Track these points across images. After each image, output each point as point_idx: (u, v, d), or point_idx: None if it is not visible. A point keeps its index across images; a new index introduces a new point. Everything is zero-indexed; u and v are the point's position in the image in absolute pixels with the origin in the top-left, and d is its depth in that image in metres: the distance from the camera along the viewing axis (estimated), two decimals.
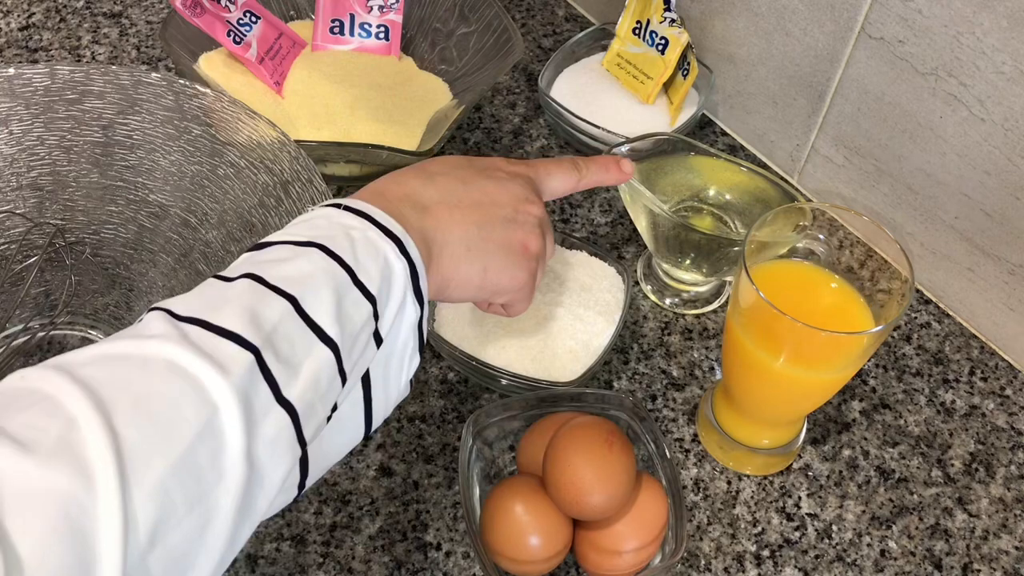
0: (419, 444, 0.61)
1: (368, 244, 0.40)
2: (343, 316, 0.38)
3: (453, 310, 0.64)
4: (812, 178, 0.75)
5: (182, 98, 0.60)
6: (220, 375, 0.33)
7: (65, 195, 0.61)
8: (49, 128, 0.60)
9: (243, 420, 0.33)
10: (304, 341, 0.37)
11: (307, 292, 0.37)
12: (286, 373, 0.35)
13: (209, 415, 0.32)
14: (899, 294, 0.51)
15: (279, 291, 0.37)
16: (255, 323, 0.35)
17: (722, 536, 0.58)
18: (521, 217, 0.48)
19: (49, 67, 0.59)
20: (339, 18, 0.80)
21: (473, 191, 0.47)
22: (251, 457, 0.33)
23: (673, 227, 0.61)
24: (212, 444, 0.32)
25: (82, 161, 0.61)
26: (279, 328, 0.36)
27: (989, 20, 0.55)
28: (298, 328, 0.37)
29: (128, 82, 0.60)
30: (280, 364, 0.35)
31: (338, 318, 0.38)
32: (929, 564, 0.57)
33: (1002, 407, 0.65)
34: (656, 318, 0.68)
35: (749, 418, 0.58)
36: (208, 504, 0.32)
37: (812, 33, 0.67)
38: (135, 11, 0.88)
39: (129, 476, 0.30)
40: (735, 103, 0.78)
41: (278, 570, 0.56)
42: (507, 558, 0.52)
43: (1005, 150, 0.59)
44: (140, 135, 0.61)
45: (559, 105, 0.75)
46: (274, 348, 0.35)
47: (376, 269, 0.40)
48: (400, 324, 0.41)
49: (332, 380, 0.38)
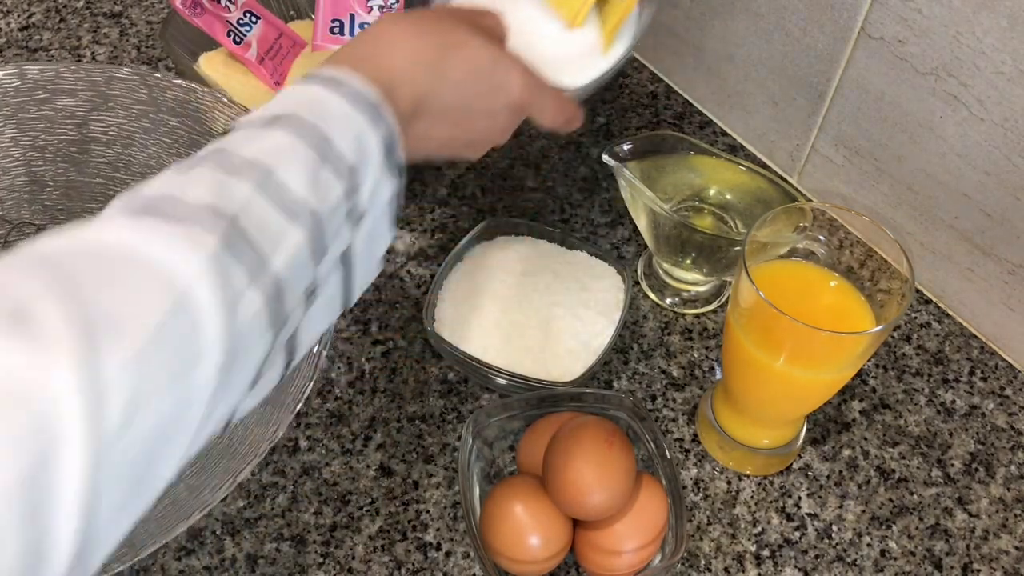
0: (419, 444, 0.61)
1: (341, 117, 0.38)
2: (318, 189, 0.36)
3: (453, 310, 0.64)
4: (812, 178, 0.75)
5: (156, 91, 0.59)
6: (192, 252, 0.31)
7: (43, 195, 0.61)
8: (22, 129, 0.60)
9: (218, 297, 0.31)
10: (278, 217, 0.35)
11: (279, 166, 0.36)
12: (260, 249, 0.34)
13: (182, 291, 0.30)
14: (899, 294, 0.51)
15: (250, 166, 0.35)
16: (226, 198, 0.34)
17: (722, 536, 0.58)
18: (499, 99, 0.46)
19: (18, 67, 0.59)
20: (339, 18, 0.80)
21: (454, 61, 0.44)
22: (228, 335, 0.32)
23: (674, 227, 0.61)
24: (187, 321, 0.30)
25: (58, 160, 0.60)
26: (252, 203, 0.34)
27: (989, 20, 0.55)
28: (271, 204, 0.35)
29: (100, 78, 0.59)
30: (254, 240, 0.34)
31: (314, 191, 0.36)
32: (929, 564, 0.57)
33: (1002, 407, 0.65)
34: (656, 318, 0.68)
35: (749, 418, 0.58)
36: (186, 383, 0.30)
37: (812, 33, 0.67)
38: (135, 11, 0.88)
39: (100, 348, 0.27)
40: (735, 103, 0.78)
41: (278, 570, 0.56)
42: (507, 558, 0.52)
43: (1005, 150, 0.59)
44: (116, 131, 0.60)
45: None
46: (247, 224, 0.34)
47: (350, 142, 0.38)
48: (376, 199, 0.40)
49: (308, 256, 0.36)
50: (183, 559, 0.56)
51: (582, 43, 0.54)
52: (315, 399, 0.63)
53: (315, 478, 0.59)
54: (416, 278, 0.69)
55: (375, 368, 0.64)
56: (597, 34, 0.54)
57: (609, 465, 0.51)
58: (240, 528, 0.57)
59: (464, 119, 0.46)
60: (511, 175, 0.76)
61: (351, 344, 0.66)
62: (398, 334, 0.66)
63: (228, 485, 0.49)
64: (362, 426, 0.62)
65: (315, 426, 0.62)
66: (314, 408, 0.62)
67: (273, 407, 0.54)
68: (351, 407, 0.63)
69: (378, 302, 0.68)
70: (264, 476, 0.59)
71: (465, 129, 0.46)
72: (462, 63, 0.44)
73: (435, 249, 0.71)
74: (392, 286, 0.69)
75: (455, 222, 0.72)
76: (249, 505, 0.58)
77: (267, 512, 0.58)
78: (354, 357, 0.65)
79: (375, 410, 0.62)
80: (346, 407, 0.63)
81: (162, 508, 0.52)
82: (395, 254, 0.70)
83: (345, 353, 0.65)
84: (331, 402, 0.63)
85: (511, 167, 0.76)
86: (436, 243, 0.71)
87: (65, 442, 0.26)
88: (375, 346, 0.65)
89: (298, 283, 0.36)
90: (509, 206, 0.74)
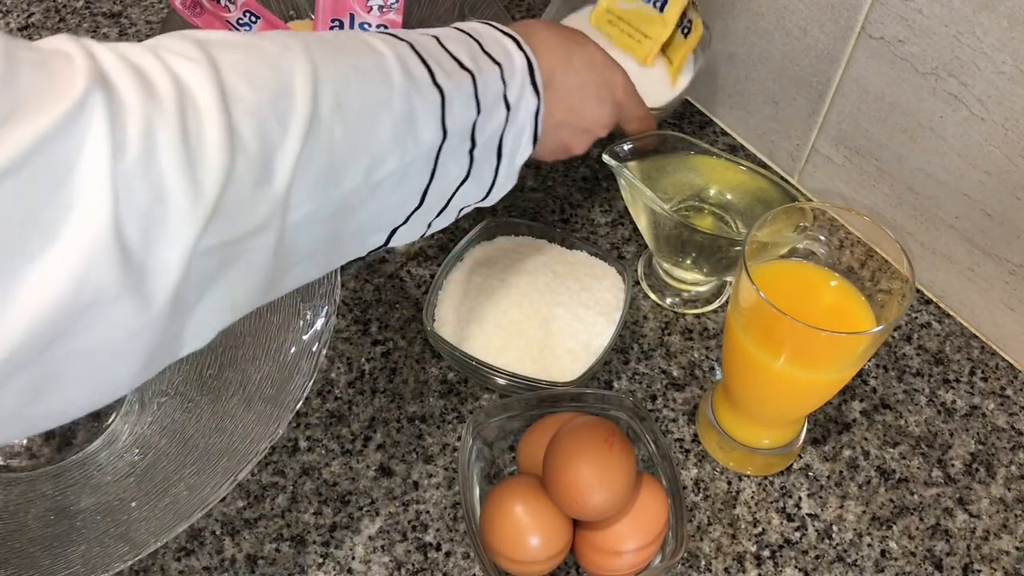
0: (419, 444, 0.61)
1: (490, 37, 0.48)
2: (477, 61, 0.45)
3: (453, 310, 0.64)
4: (812, 178, 0.75)
5: None
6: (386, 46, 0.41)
7: None
8: None
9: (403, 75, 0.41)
10: (447, 59, 0.44)
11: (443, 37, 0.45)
12: (434, 65, 0.43)
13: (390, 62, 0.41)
14: (899, 294, 0.51)
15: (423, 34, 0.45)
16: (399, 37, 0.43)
17: (722, 536, 0.58)
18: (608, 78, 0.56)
19: None
20: (339, 18, 0.80)
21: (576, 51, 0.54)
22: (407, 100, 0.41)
23: (674, 226, 0.61)
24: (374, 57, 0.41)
25: None
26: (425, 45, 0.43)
27: (989, 20, 0.55)
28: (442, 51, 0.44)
29: None
30: (428, 59, 0.43)
31: (473, 60, 0.45)
32: (929, 564, 0.57)
33: (1002, 407, 0.65)
34: (656, 318, 0.68)
35: (749, 418, 0.58)
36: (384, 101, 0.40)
37: (812, 33, 0.67)
38: (135, 11, 0.88)
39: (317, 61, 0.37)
40: (735, 103, 0.78)
41: (278, 570, 0.56)
42: (507, 558, 0.52)
43: (1005, 150, 0.59)
44: None
45: None
46: (421, 48, 0.43)
47: (499, 48, 0.47)
48: (521, 102, 0.47)
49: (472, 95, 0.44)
50: (183, 559, 0.56)
51: (654, 76, 0.71)
52: (315, 399, 0.63)
53: (315, 478, 0.59)
54: (416, 278, 0.69)
55: (375, 368, 0.64)
56: (665, 70, 0.71)
57: (609, 465, 0.51)
58: (240, 528, 0.57)
59: (579, 102, 0.53)
60: None
61: (351, 344, 0.65)
62: (398, 334, 0.66)
63: (228, 485, 0.49)
64: (362, 426, 0.62)
65: (315, 426, 0.61)
66: (314, 408, 0.62)
67: (273, 407, 0.54)
68: (351, 407, 0.62)
69: (378, 302, 0.68)
70: (264, 476, 0.59)
71: (578, 113, 0.54)
72: (584, 54, 0.54)
73: (435, 249, 0.71)
74: (392, 286, 0.69)
75: (455, 222, 0.72)
76: (249, 505, 0.58)
77: (267, 512, 0.58)
78: (354, 357, 0.65)
79: (375, 410, 0.62)
80: (346, 407, 0.62)
81: (162, 508, 0.52)
82: (395, 254, 0.70)
83: (345, 353, 0.65)
84: (331, 402, 0.63)
85: None
86: (436, 243, 0.71)
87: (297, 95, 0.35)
88: (375, 346, 0.65)
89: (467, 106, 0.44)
90: (509, 206, 0.73)
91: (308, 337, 0.56)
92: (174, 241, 0.31)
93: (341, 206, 0.39)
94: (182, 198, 0.31)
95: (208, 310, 0.34)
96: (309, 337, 0.56)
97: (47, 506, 0.55)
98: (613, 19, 0.72)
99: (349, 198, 0.39)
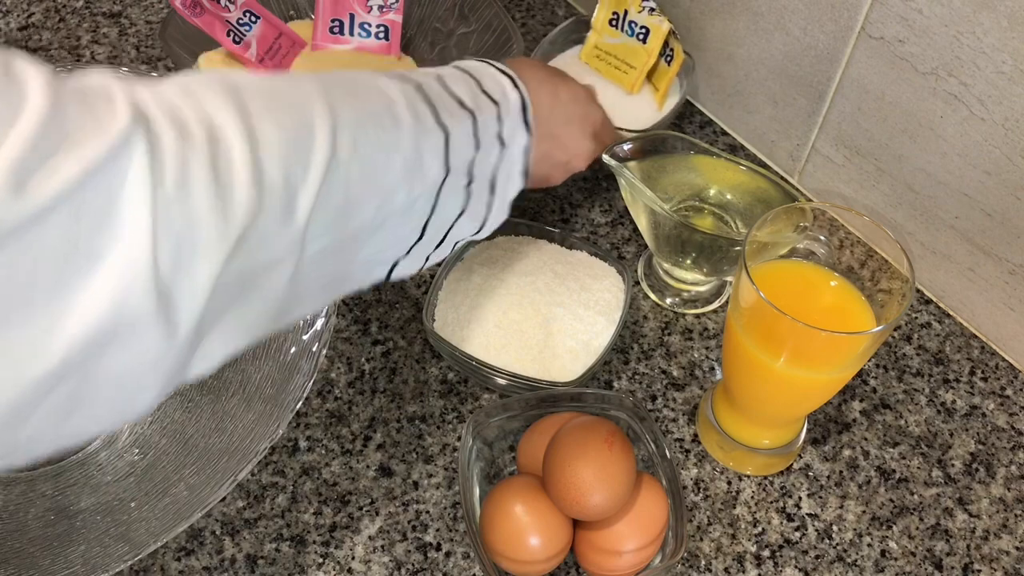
0: (419, 444, 0.61)
1: (488, 75, 0.50)
2: (476, 100, 0.48)
3: (453, 310, 0.64)
4: (812, 178, 0.75)
5: None
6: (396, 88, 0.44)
7: None
8: None
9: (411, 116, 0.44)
10: (449, 100, 0.46)
11: (447, 78, 0.48)
12: (439, 106, 0.45)
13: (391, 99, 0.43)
14: (899, 294, 0.51)
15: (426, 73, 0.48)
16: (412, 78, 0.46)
17: (722, 536, 0.58)
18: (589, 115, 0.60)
19: None
20: (339, 18, 0.80)
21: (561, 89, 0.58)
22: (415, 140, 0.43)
23: (674, 226, 0.61)
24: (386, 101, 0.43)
25: None
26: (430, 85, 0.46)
27: (989, 20, 0.55)
28: (444, 92, 0.47)
29: None
30: (434, 99, 0.45)
31: (473, 100, 0.48)
32: (929, 564, 0.57)
33: (1002, 407, 0.65)
34: (656, 318, 0.68)
35: (749, 418, 0.58)
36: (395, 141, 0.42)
37: (812, 33, 0.67)
38: (134, 11, 0.88)
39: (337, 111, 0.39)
40: (735, 103, 0.78)
41: (278, 570, 0.56)
42: (507, 558, 0.52)
43: (1005, 150, 0.59)
44: None
45: None
46: (427, 89, 0.45)
47: (495, 88, 0.50)
48: (514, 139, 0.50)
49: (471, 134, 0.47)
50: (183, 559, 0.56)
51: (641, 102, 0.77)
52: (315, 399, 0.63)
53: (315, 478, 0.59)
54: (416, 278, 0.69)
55: (375, 368, 0.64)
56: (651, 96, 0.77)
57: (609, 465, 0.51)
58: (240, 528, 0.57)
59: (564, 136, 0.57)
60: None
61: (351, 344, 0.65)
62: (398, 334, 0.66)
63: (228, 485, 0.49)
64: (362, 426, 0.62)
65: (315, 426, 0.61)
66: (314, 408, 0.62)
67: (273, 407, 0.54)
68: (351, 407, 0.62)
69: (378, 302, 0.68)
70: (264, 476, 0.59)
71: (562, 146, 0.57)
72: (568, 90, 0.57)
73: None
74: (392, 286, 0.69)
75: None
76: (249, 505, 0.58)
77: (267, 512, 0.58)
78: (354, 357, 0.65)
79: (375, 410, 0.62)
80: (346, 407, 0.62)
81: (162, 508, 0.52)
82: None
83: (345, 353, 0.65)
84: (331, 402, 0.63)
85: None
86: None
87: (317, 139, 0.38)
88: (375, 346, 0.65)
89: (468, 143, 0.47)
90: None
91: (308, 337, 0.56)
92: (201, 270, 0.33)
93: (353, 239, 0.42)
94: (212, 229, 0.33)
95: (219, 337, 0.36)
96: (309, 337, 0.56)
97: (47, 506, 0.55)
98: (601, 54, 0.78)
99: (360, 232, 0.42)
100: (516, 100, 0.50)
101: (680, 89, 0.77)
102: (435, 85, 0.47)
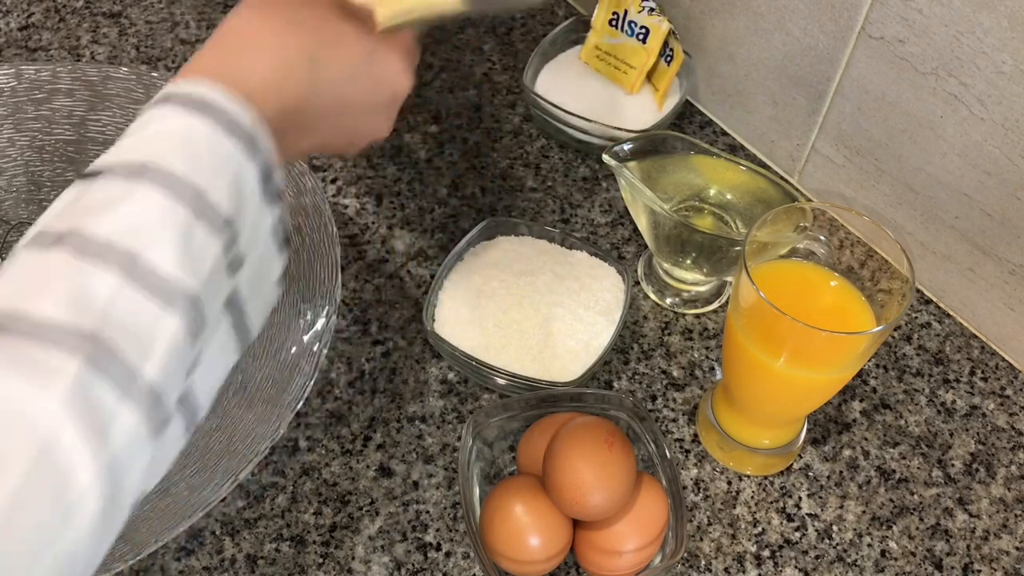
0: (419, 444, 0.61)
1: (215, 157, 0.34)
2: (193, 259, 0.33)
3: (453, 310, 0.64)
4: (812, 178, 0.75)
5: (153, 91, 0.60)
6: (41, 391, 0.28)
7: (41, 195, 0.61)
8: (19, 129, 0.60)
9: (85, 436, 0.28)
10: (149, 307, 0.31)
11: (147, 245, 0.31)
12: (129, 360, 0.30)
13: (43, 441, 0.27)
14: (899, 294, 0.51)
15: (113, 250, 0.31)
16: (84, 303, 0.30)
17: (722, 536, 0.58)
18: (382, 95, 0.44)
19: (15, 67, 0.59)
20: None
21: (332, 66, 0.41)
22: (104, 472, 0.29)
23: (674, 226, 0.61)
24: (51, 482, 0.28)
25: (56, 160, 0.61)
26: (117, 301, 0.30)
27: (989, 20, 0.55)
28: (140, 294, 0.31)
29: (96, 78, 0.60)
30: (121, 350, 0.30)
31: (188, 263, 0.32)
32: (930, 564, 0.57)
33: (1002, 407, 0.65)
34: (656, 318, 0.68)
35: (749, 418, 0.58)
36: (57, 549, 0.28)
37: (812, 33, 0.67)
38: (134, 11, 0.88)
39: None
40: (735, 103, 0.78)
41: (278, 570, 0.56)
42: (507, 558, 0.52)
43: (1005, 150, 0.59)
44: (113, 130, 0.60)
45: (550, 103, 0.74)
46: (112, 333, 0.30)
47: (226, 190, 0.34)
48: (257, 235, 0.37)
49: (188, 341, 0.33)
50: (183, 559, 0.56)
51: (642, 102, 0.77)
52: (315, 399, 0.63)
53: (315, 478, 0.59)
54: (416, 278, 0.69)
55: (375, 368, 0.64)
56: (652, 96, 0.77)
57: (609, 465, 0.51)
58: (240, 528, 0.57)
59: (341, 122, 0.42)
60: (511, 175, 0.76)
61: (351, 344, 0.65)
62: (398, 334, 0.66)
63: (228, 485, 0.49)
64: (362, 426, 0.62)
65: (315, 426, 0.61)
66: (314, 408, 0.62)
67: (273, 407, 0.54)
68: (351, 407, 0.62)
69: (378, 302, 0.68)
70: (264, 476, 0.59)
71: (342, 132, 0.43)
72: (337, 63, 0.40)
73: (435, 249, 0.71)
74: (392, 286, 0.69)
75: (455, 222, 0.72)
76: (249, 505, 0.58)
77: (267, 512, 0.58)
78: (354, 357, 0.65)
79: (375, 410, 0.62)
80: (346, 407, 0.62)
81: (162, 508, 0.52)
82: (395, 254, 0.70)
83: (345, 353, 0.65)
84: (331, 402, 0.63)
85: (511, 167, 0.76)
86: (436, 243, 0.71)
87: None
88: (375, 346, 0.65)
89: (177, 374, 0.33)
90: (509, 206, 0.73)
91: (308, 337, 0.56)
92: None
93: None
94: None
95: None
96: (309, 337, 0.56)
97: None
98: (601, 54, 0.79)
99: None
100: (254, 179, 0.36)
101: (680, 89, 0.78)
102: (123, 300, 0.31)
